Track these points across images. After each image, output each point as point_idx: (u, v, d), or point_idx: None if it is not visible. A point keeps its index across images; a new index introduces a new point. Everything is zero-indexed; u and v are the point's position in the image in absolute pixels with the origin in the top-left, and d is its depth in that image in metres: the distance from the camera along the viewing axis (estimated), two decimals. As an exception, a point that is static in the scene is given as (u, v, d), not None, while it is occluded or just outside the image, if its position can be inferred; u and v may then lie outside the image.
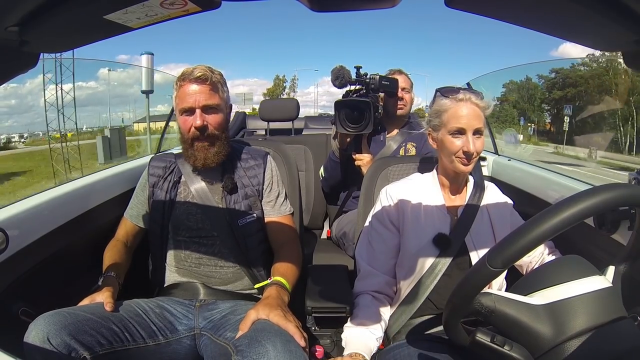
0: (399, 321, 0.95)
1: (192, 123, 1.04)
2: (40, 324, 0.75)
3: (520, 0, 0.41)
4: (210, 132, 1.05)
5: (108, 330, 0.82)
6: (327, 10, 0.44)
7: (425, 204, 1.00)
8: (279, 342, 0.74)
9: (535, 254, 1.01)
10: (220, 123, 1.07)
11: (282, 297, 0.91)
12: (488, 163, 1.76)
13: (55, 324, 0.75)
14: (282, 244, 1.12)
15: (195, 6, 0.41)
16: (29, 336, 0.74)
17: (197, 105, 1.03)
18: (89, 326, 0.79)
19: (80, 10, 0.40)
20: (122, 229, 1.16)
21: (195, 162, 1.07)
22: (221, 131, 1.08)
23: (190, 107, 1.04)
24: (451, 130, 0.94)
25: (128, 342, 0.85)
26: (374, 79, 1.52)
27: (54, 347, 0.73)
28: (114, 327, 0.83)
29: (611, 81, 17.85)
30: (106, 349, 0.80)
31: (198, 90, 1.03)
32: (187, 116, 1.05)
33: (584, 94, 19.71)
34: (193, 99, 1.03)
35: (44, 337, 0.73)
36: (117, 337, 0.83)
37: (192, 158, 1.07)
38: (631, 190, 0.52)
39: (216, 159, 1.07)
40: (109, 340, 0.81)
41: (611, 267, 0.62)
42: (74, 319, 0.78)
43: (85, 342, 0.77)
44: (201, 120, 1.03)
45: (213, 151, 1.07)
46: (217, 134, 1.06)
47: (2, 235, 0.88)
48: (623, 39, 0.42)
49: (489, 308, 0.55)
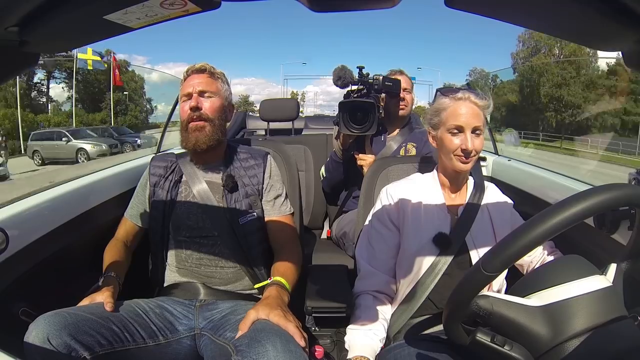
0: (399, 321, 0.95)
1: (188, 106, 1.10)
2: (40, 325, 0.75)
3: (520, 0, 0.41)
4: (204, 113, 1.10)
5: (108, 330, 0.82)
6: (327, 11, 0.44)
7: (426, 204, 1.00)
8: (279, 342, 0.74)
9: (536, 254, 1.01)
10: (214, 108, 1.12)
11: (282, 297, 0.91)
12: (488, 163, 1.75)
13: (56, 324, 0.75)
14: (282, 244, 1.12)
15: (195, 6, 0.41)
16: (29, 336, 0.74)
17: (194, 91, 1.10)
18: (89, 326, 0.79)
19: (80, 11, 0.40)
20: (122, 228, 1.16)
21: (187, 144, 1.11)
22: (215, 116, 1.11)
23: (188, 93, 1.11)
24: (449, 128, 0.95)
25: (128, 342, 0.85)
26: (377, 80, 1.52)
27: (54, 347, 0.73)
28: (114, 327, 0.84)
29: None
30: (106, 349, 0.80)
31: (196, 78, 1.12)
32: (185, 102, 1.12)
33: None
34: (192, 87, 1.11)
35: (44, 338, 0.73)
36: (117, 337, 0.83)
37: (185, 141, 1.11)
38: (631, 190, 0.52)
39: (207, 141, 1.10)
40: (109, 341, 0.81)
41: (613, 265, 0.61)
42: (74, 319, 0.78)
43: (86, 343, 0.77)
44: (195, 101, 1.09)
45: (205, 133, 1.09)
46: (211, 118, 1.10)
47: (2, 235, 0.87)
48: (623, 39, 0.42)
49: (486, 310, 0.56)
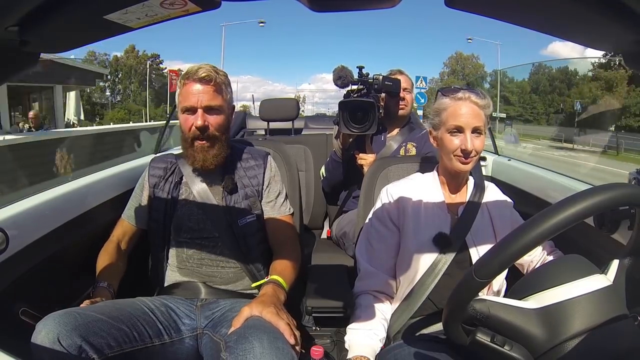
0: (399, 321, 0.95)
1: (193, 122, 1.04)
2: (50, 324, 0.73)
3: (520, 0, 0.41)
4: (211, 133, 1.05)
5: (118, 331, 0.81)
6: (327, 10, 0.44)
7: (426, 203, 1.00)
8: (266, 339, 0.74)
9: (536, 253, 1.01)
10: (221, 124, 1.06)
11: (277, 295, 0.90)
12: (488, 163, 1.75)
13: (67, 324, 0.74)
14: (281, 243, 1.12)
15: (195, 6, 0.42)
16: (38, 336, 0.72)
17: (199, 105, 1.02)
18: (100, 327, 0.78)
19: (81, 11, 0.40)
20: (118, 230, 1.15)
21: (194, 163, 1.07)
22: (221, 133, 1.07)
23: (192, 107, 1.03)
24: (449, 128, 0.95)
25: (136, 341, 0.84)
26: (377, 79, 1.52)
27: (64, 348, 0.72)
28: (123, 327, 0.83)
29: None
30: (115, 351, 0.79)
31: (201, 90, 1.02)
32: (188, 115, 1.05)
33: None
34: (196, 99, 1.02)
35: (55, 338, 0.72)
36: (126, 337, 0.82)
37: (192, 158, 1.07)
38: (631, 190, 0.52)
39: (215, 161, 1.07)
40: (119, 342, 0.80)
41: (614, 262, 0.61)
42: (84, 319, 0.77)
43: (96, 344, 0.76)
44: (202, 121, 1.03)
45: (212, 153, 1.06)
46: (218, 135, 1.06)
47: (2, 235, 0.87)
48: (623, 39, 0.42)
49: (483, 314, 0.56)
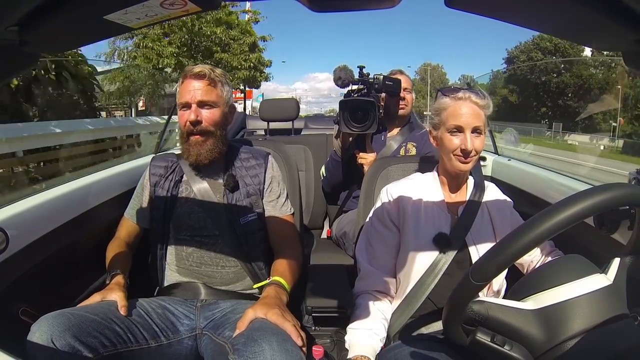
0: (400, 320, 0.95)
1: (187, 117, 1.06)
2: (43, 325, 0.74)
3: (520, 0, 0.41)
4: (204, 126, 1.06)
5: (111, 331, 0.82)
6: (327, 10, 0.44)
7: (426, 203, 1.00)
8: (275, 341, 0.74)
9: (536, 253, 1.01)
10: (215, 120, 1.07)
11: (280, 296, 0.91)
12: (488, 163, 1.75)
13: (59, 325, 0.74)
14: (282, 243, 1.12)
15: (195, 6, 0.42)
16: (32, 337, 0.73)
17: (193, 101, 1.05)
18: (93, 327, 0.78)
19: (81, 11, 0.40)
20: (122, 228, 1.16)
21: (189, 158, 1.09)
22: (216, 128, 1.08)
23: (187, 102, 1.06)
24: (449, 128, 0.95)
25: (131, 342, 0.85)
26: (378, 79, 1.52)
27: (57, 348, 0.72)
28: (117, 328, 0.83)
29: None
30: (109, 350, 0.79)
31: (196, 86, 1.05)
32: (184, 111, 1.07)
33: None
34: (190, 95, 1.05)
35: (48, 339, 0.72)
36: (120, 338, 0.83)
37: (186, 153, 1.09)
38: (631, 190, 0.52)
39: (210, 156, 1.08)
40: (113, 342, 0.81)
41: (615, 261, 0.60)
42: (77, 320, 0.77)
43: (89, 344, 0.76)
44: (195, 115, 1.05)
45: (206, 147, 1.07)
46: (212, 130, 1.07)
47: (2, 235, 0.87)
48: (623, 39, 0.42)
49: (482, 315, 0.56)
